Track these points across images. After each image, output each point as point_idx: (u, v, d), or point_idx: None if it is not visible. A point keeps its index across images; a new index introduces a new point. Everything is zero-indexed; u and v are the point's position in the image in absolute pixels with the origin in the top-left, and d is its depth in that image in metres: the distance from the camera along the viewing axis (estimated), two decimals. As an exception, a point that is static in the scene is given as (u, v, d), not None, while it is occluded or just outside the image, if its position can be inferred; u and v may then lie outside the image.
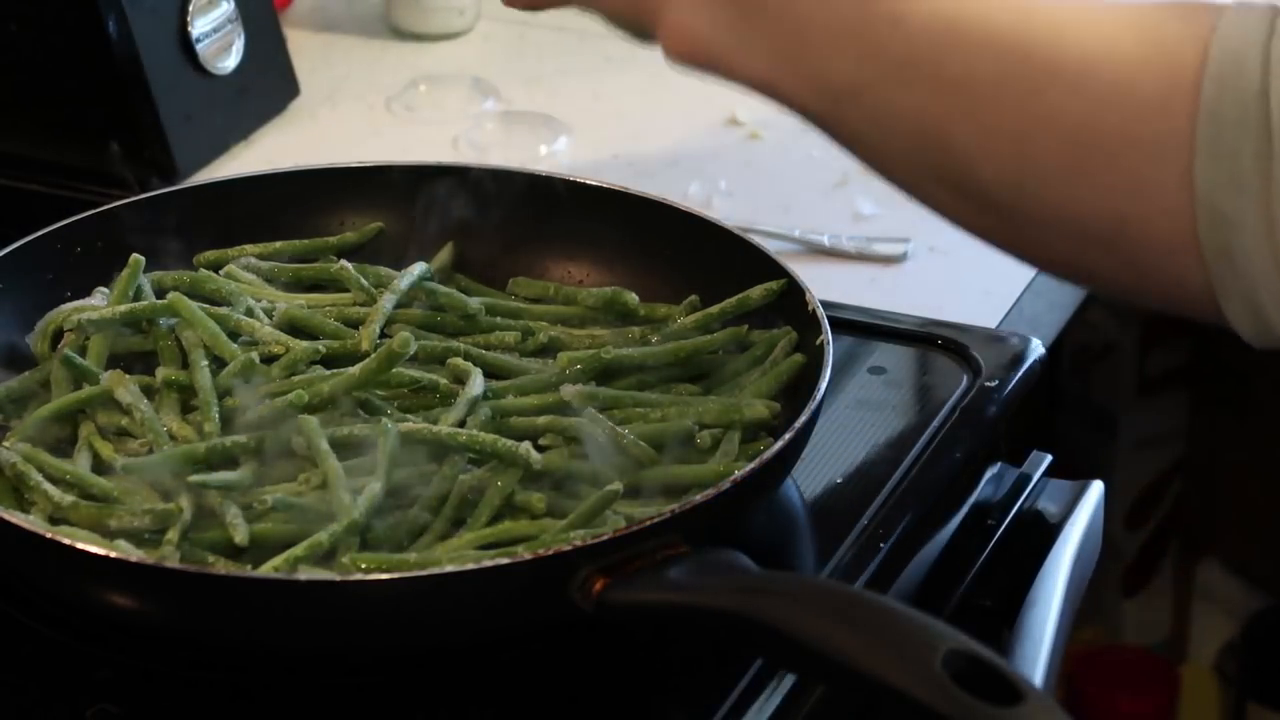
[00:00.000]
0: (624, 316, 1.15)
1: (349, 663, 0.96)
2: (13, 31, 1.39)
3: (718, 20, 0.91)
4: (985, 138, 0.84)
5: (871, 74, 0.86)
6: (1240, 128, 0.79)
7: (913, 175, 0.89)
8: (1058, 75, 0.83)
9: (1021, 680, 0.81)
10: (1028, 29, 0.84)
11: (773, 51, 0.89)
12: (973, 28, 0.85)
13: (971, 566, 1.11)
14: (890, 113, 0.87)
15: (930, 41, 0.85)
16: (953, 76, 0.85)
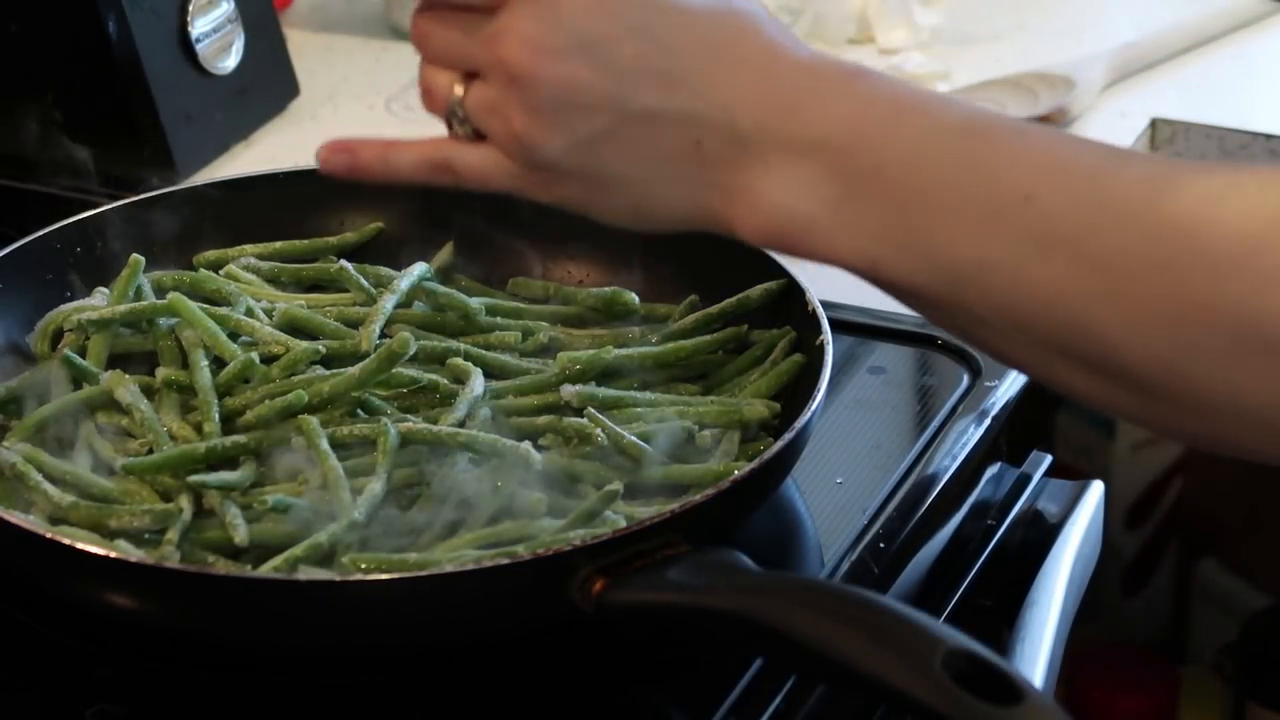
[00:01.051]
0: (624, 316, 1.15)
1: (349, 663, 0.96)
2: (13, 31, 1.39)
3: (818, 197, 0.84)
4: (1131, 321, 0.80)
5: (1000, 252, 0.81)
6: None
7: (1041, 356, 0.84)
8: (1211, 256, 0.78)
9: (1021, 680, 0.81)
10: (1176, 205, 0.79)
11: (883, 229, 0.84)
12: (1113, 203, 0.80)
13: (971, 566, 1.11)
14: (1019, 293, 0.82)
15: (1067, 219, 0.80)
16: (1092, 256, 0.80)
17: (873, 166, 0.84)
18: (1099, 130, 1.49)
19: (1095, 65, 1.55)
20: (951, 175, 0.83)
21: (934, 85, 1.56)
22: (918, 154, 0.83)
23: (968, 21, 1.68)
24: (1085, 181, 0.81)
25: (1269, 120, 1.51)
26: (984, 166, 0.82)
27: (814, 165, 0.85)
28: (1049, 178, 0.81)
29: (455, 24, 0.88)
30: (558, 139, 0.87)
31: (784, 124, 0.85)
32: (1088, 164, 0.82)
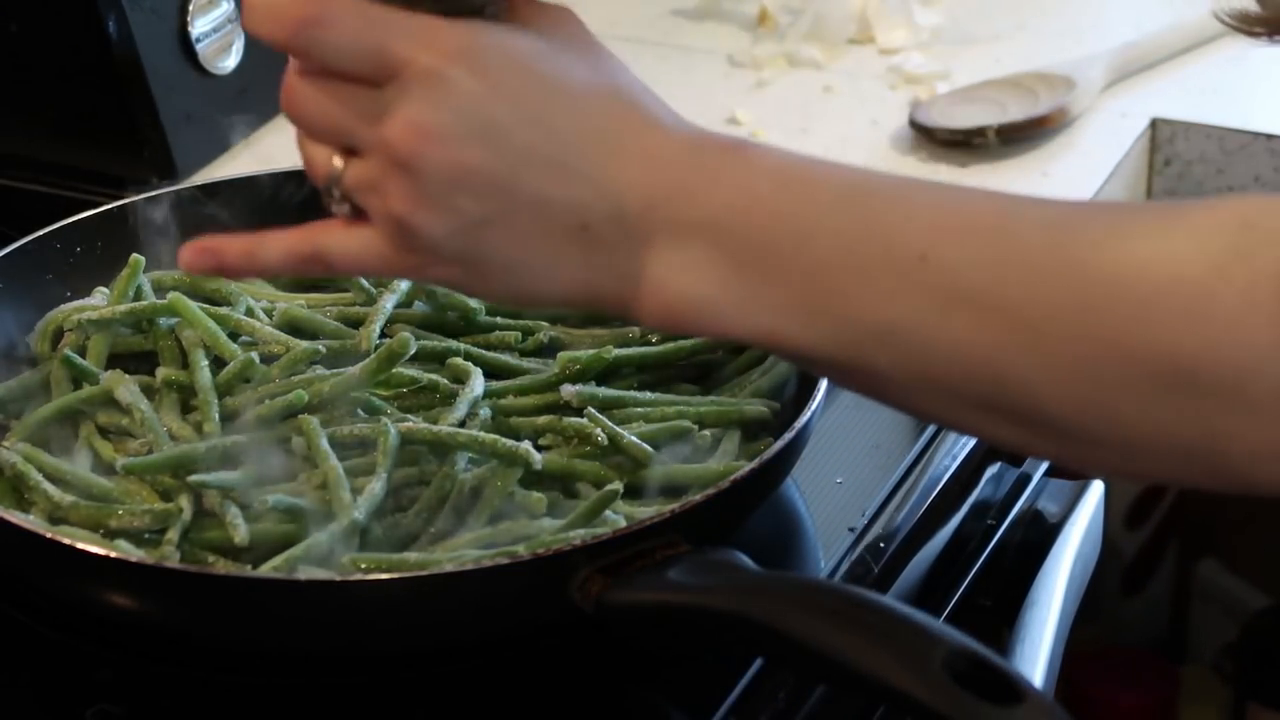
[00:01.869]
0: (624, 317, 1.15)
1: (349, 663, 0.96)
2: (13, 31, 1.39)
3: (711, 278, 0.83)
4: (1046, 367, 0.79)
5: (902, 314, 0.80)
6: None
7: (957, 410, 0.83)
8: (1123, 299, 0.77)
9: (1021, 680, 0.81)
10: (1081, 250, 0.79)
11: (780, 304, 0.82)
12: (1014, 253, 0.79)
13: (971, 566, 1.11)
14: (927, 352, 0.81)
15: (966, 274, 0.80)
16: (998, 308, 0.79)
17: (763, 243, 0.82)
18: (1099, 130, 1.49)
19: (1095, 65, 1.55)
20: (843, 243, 0.81)
21: (934, 85, 1.56)
22: (807, 226, 0.82)
23: (968, 21, 1.68)
24: (981, 234, 0.80)
25: (1269, 120, 1.51)
26: (875, 230, 0.81)
27: (704, 246, 0.83)
28: (943, 234, 0.80)
29: (335, 95, 0.85)
30: (441, 223, 0.84)
31: (672, 207, 0.83)
32: (981, 215, 0.81)
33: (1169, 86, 1.57)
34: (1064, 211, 0.82)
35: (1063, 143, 1.47)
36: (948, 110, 1.50)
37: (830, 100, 1.55)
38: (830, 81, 1.58)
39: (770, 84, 1.58)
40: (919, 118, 1.49)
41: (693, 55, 1.64)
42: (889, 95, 1.56)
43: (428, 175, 0.83)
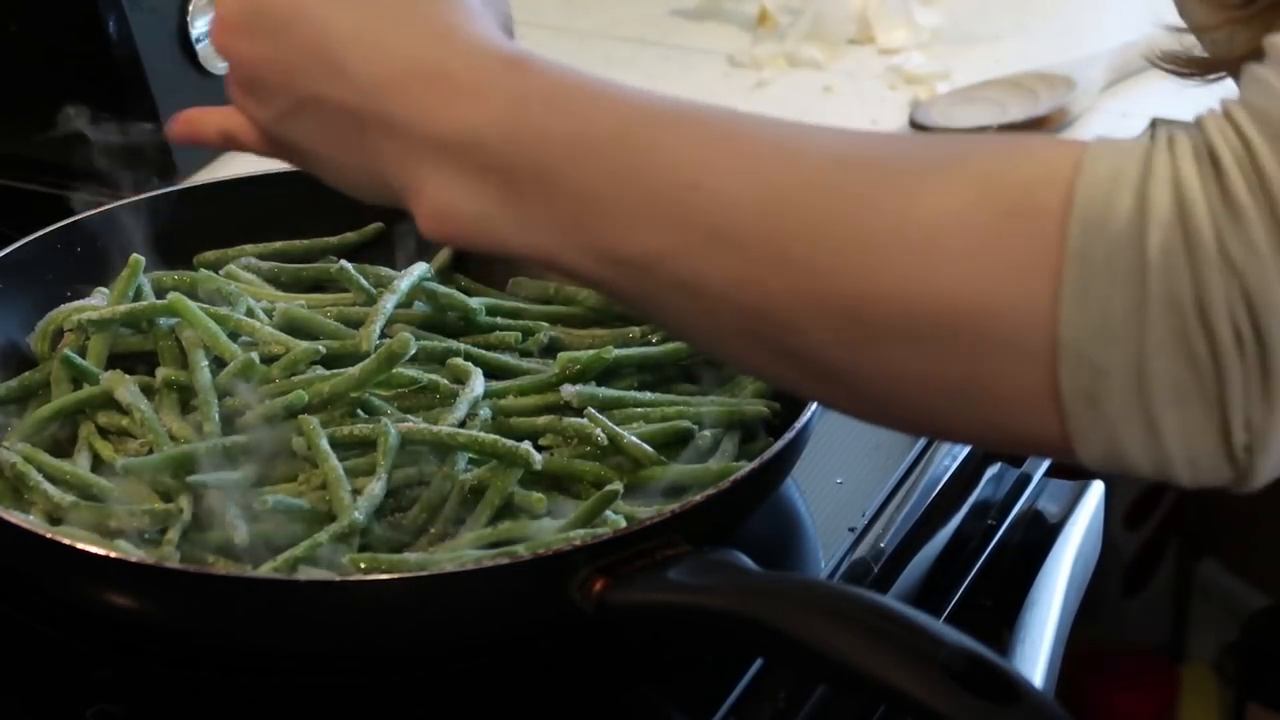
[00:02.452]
0: (624, 316, 1.15)
1: (349, 663, 0.96)
2: (13, 31, 1.39)
3: (483, 195, 0.82)
4: (812, 306, 0.77)
5: (672, 243, 0.79)
6: (1111, 277, 0.74)
7: (726, 342, 0.81)
8: (894, 241, 0.76)
9: (1021, 680, 0.81)
10: (858, 188, 0.77)
11: (553, 225, 0.81)
12: (789, 189, 0.78)
13: (971, 566, 1.11)
14: (696, 282, 0.79)
15: (734, 207, 0.78)
16: (768, 242, 0.77)
17: (532, 164, 0.81)
18: (1099, 130, 1.49)
19: (1095, 65, 1.55)
20: (614, 169, 0.80)
21: (934, 85, 1.57)
22: (577, 151, 0.81)
23: (968, 21, 1.68)
24: (757, 166, 0.78)
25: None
26: (646, 159, 0.80)
27: (473, 164, 0.82)
28: (716, 165, 0.79)
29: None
30: (259, 112, 0.90)
31: (435, 120, 0.83)
32: (761, 146, 0.79)
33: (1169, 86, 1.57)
34: (849, 147, 0.79)
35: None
36: (948, 111, 1.50)
37: (830, 100, 1.55)
38: (830, 81, 1.58)
39: (770, 84, 1.58)
40: (919, 118, 1.49)
41: (693, 55, 1.64)
42: (889, 95, 1.56)
43: (236, 69, 0.91)
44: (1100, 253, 0.74)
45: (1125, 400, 0.75)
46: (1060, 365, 0.75)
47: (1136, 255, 0.74)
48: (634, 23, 1.70)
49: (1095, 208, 0.74)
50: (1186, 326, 0.73)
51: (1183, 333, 0.73)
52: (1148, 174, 0.74)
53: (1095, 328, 0.74)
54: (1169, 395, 0.74)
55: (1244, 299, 0.73)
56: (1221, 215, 0.73)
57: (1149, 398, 0.74)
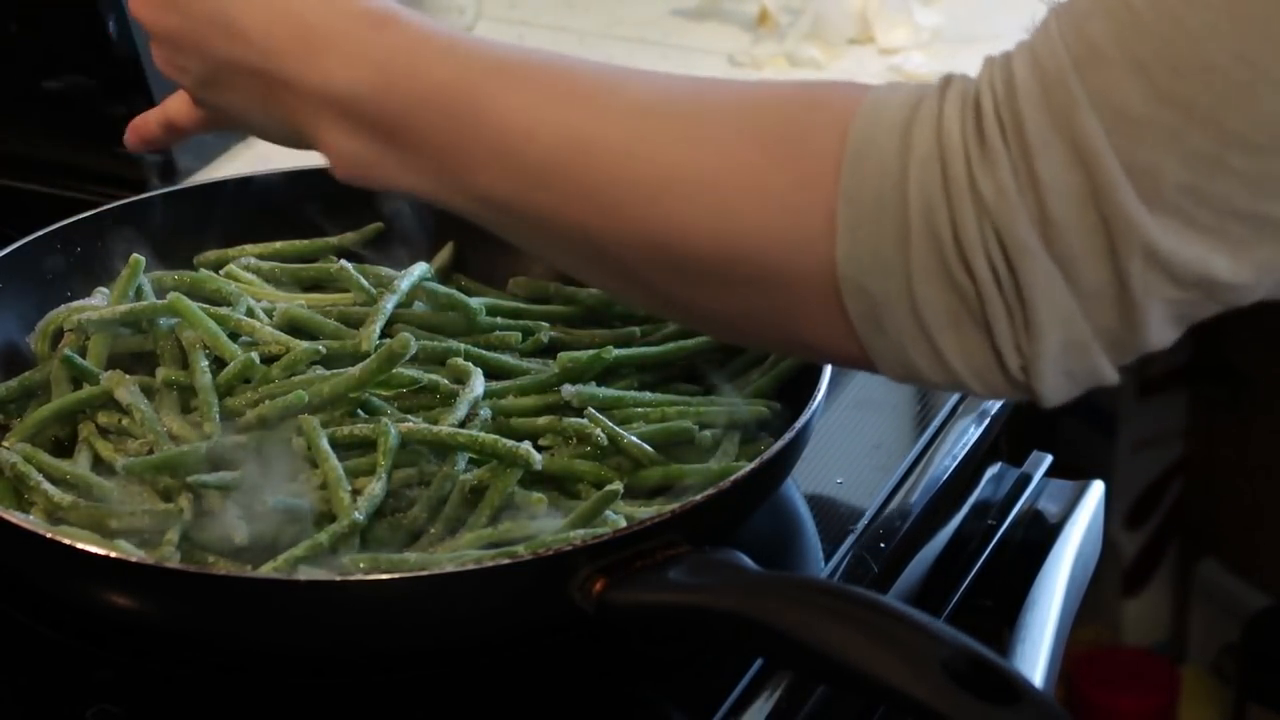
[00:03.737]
0: (624, 316, 1.15)
1: (349, 663, 0.96)
2: (13, 31, 1.39)
3: (368, 144, 0.91)
4: (625, 240, 0.86)
5: (516, 185, 0.88)
6: (879, 214, 0.80)
7: (578, 267, 0.92)
8: (679, 182, 0.84)
9: (1021, 680, 0.81)
10: (656, 134, 0.85)
11: (428, 171, 0.90)
12: (595, 137, 0.86)
13: (971, 566, 1.11)
14: (539, 220, 0.88)
15: (559, 152, 0.86)
16: (581, 185, 0.86)
17: (400, 117, 0.90)
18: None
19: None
20: (464, 122, 0.88)
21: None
22: (435, 104, 0.89)
23: (968, 21, 1.68)
24: (577, 113, 0.87)
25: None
26: (492, 111, 0.88)
27: (350, 118, 0.91)
28: (547, 116, 0.87)
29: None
30: (183, 78, 0.98)
31: (316, 78, 0.91)
32: (582, 97, 0.87)
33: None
34: (657, 94, 0.87)
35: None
36: (948, 110, 1.50)
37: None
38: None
39: (770, 84, 1.58)
40: (919, 118, 1.49)
41: (693, 55, 1.64)
42: (889, 95, 1.55)
43: (157, 38, 0.97)
44: (868, 192, 0.80)
45: (906, 325, 0.81)
46: (845, 297, 0.81)
47: (899, 194, 0.79)
48: (634, 23, 1.70)
49: (864, 148, 0.80)
50: (948, 261, 0.79)
51: (945, 266, 0.79)
52: (913, 117, 0.80)
53: (868, 261, 0.80)
54: (943, 320, 0.80)
55: (997, 238, 0.78)
56: (975, 157, 0.79)
57: (925, 323, 0.80)
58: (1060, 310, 0.79)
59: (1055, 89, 0.78)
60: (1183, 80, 0.76)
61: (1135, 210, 0.77)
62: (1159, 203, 0.77)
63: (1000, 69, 0.80)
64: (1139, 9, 0.76)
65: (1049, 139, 0.77)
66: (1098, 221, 0.77)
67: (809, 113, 0.83)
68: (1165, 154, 0.76)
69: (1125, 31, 0.77)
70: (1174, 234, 0.77)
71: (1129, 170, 0.77)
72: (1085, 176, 0.77)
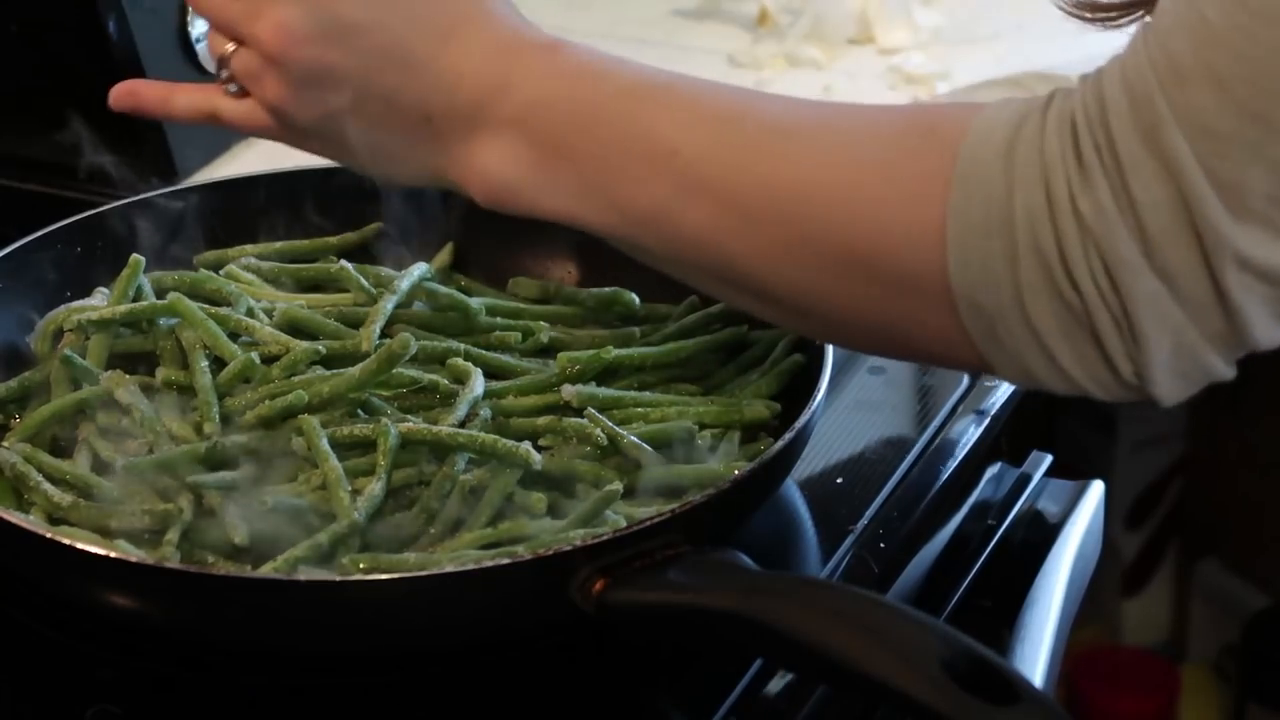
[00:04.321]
0: (624, 316, 1.15)
1: (349, 663, 0.96)
2: (13, 31, 1.39)
3: (520, 164, 0.95)
4: (761, 254, 0.90)
5: (660, 201, 0.92)
6: (986, 232, 0.84)
7: (706, 283, 0.96)
8: (814, 200, 0.88)
9: (1021, 680, 0.81)
10: (786, 154, 0.90)
11: (573, 188, 0.94)
12: (739, 154, 0.90)
13: (971, 566, 1.11)
14: (679, 236, 0.92)
15: (701, 166, 0.91)
16: (721, 198, 0.91)
17: (557, 135, 0.94)
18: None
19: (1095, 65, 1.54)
20: (615, 136, 0.93)
21: (934, 85, 1.56)
22: (589, 120, 0.94)
23: (968, 21, 1.68)
24: (721, 130, 0.92)
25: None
26: (640, 125, 0.93)
27: (515, 136, 0.95)
28: (691, 132, 0.92)
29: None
30: (308, 112, 0.98)
31: (494, 102, 0.95)
32: (725, 112, 0.93)
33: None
34: (789, 111, 0.92)
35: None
36: (948, 110, 1.50)
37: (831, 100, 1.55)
38: (830, 81, 1.58)
39: (770, 84, 1.58)
40: (919, 118, 1.49)
41: (693, 55, 1.64)
42: (889, 95, 1.56)
43: (293, 72, 0.97)
44: (976, 211, 0.84)
45: (1021, 336, 0.85)
46: (960, 310, 0.85)
47: (1005, 213, 0.83)
48: (634, 23, 1.70)
49: (971, 169, 0.84)
50: (1055, 277, 0.83)
51: (1052, 282, 0.83)
52: (1017, 137, 0.84)
53: (979, 277, 0.84)
54: (1055, 332, 0.84)
55: (1099, 255, 0.82)
56: (1075, 177, 0.82)
57: (1039, 334, 0.84)
58: (1166, 320, 0.82)
59: (1143, 107, 0.81)
60: (1260, 94, 0.79)
61: (1224, 222, 0.80)
62: (1246, 214, 0.80)
63: (1093, 87, 0.84)
64: (1215, 25, 0.79)
65: (1140, 157, 0.81)
66: (1191, 235, 0.81)
67: (923, 135, 0.87)
68: (1249, 167, 0.80)
69: (1203, 48, 0.79)
70: (1263, 242, 0.81)
71: (1215, 184, 0.80)
72: (1176, 192, 0.80)
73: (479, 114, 0.95)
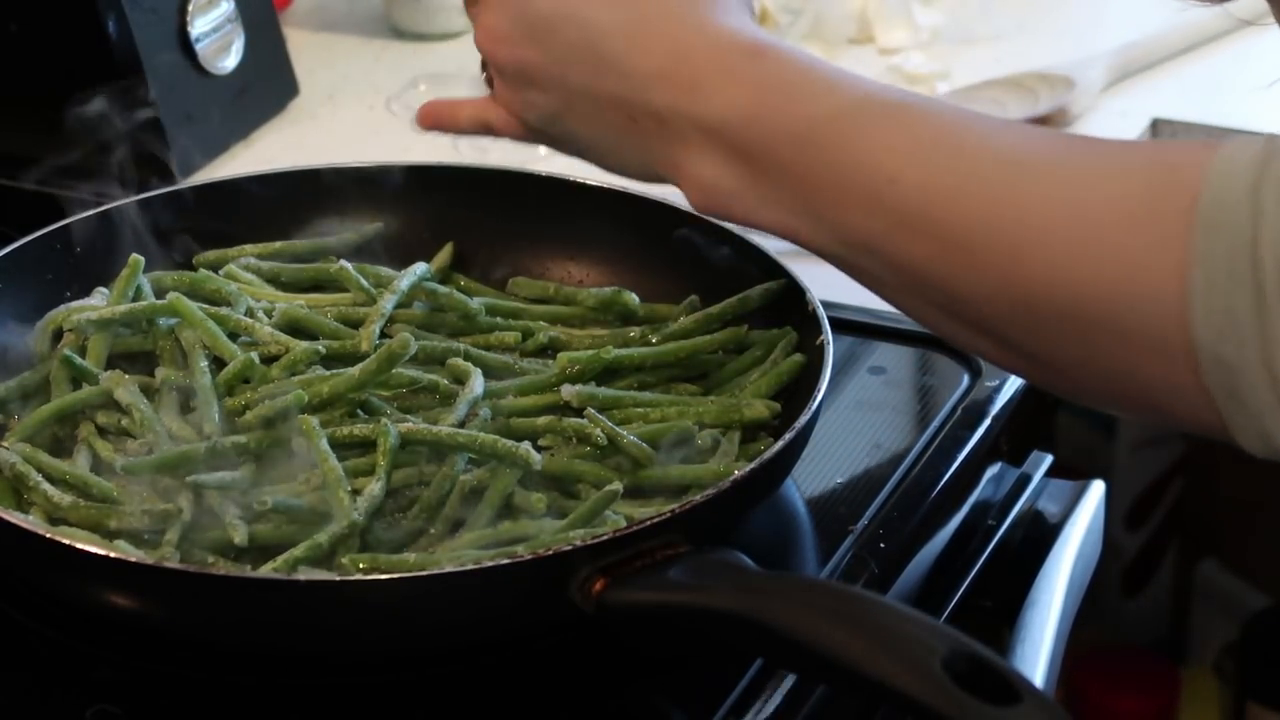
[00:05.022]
0: (624, 316, 1.15)
1: (349, 663, 0.96)
2: (13, 31, 1.39)
3: (735, 176, 0.92)
4: (989, 293, 0.86)
5: (878, 228, 0.88)
6: (1232, 280, 0.78)
7: (934, 316, 0.91)
8: (1045, 242, 0.84)
9: (1021, 680, 0.81)
10: (1015, 190, 0.85)
11: (791, 206, 0.91)
12: (961, 187, 0.86)
13: (971, 566, 1.11)
14: (899, 263, 0.88)
15: (924, 197, 0.86)
16: (944, 232, 0.86)
17: (769, 147, 0.91)
18: (1099, 130, 1.49)
19: (1095, 65, 1.55)
20: (830, 158, 0.89)
21: (934, 85, 1.56)
22: (801, 139, 0.90)
23: (968, 21, 1.68)
24: (944, 163, 0.87)
25: (1269, 120, 1.51)
26: (857, 151, 0.89)
27: (720, 144, 0.92)
28: (911, 160, 0.87)
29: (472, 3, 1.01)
30: (528, 111, 0.99)
31: (691, 106, 0.92)
32: (948, 142, 0.87)
33: (1169, 86, 1.57)
34: (1020, 142, 0.87)
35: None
36: (948, 110, 1.50)
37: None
38: (830, 81, 1.58)
39: (770, 84, 1.58)
40: (919, 118, 1.49)
41: (693, 55, 1.63)
42: (889, 95, 1.55)
43: (505, 73, 0.99)
44: (1220, 256, 0.78)
45: (1265, 396, 0.79)
46: (1201, 365, 0.79)
47: (1251, 258, 0.77)
48: (634, 23, 1.70)
49: (1215, 212, 0.78)
50: None
51: None
52: (1262, 177, 0.78)
53: (1223, 328, 0.78)
54: None
55: None
56: None
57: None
58: None
59: None
60: None
61: None
62: None
63: None
64: None
65: None
66: None
67: (1163, 175, 0.82)
68: None
69: None
70: None
71: None
72: None
73: (675, 118, 0.93)
